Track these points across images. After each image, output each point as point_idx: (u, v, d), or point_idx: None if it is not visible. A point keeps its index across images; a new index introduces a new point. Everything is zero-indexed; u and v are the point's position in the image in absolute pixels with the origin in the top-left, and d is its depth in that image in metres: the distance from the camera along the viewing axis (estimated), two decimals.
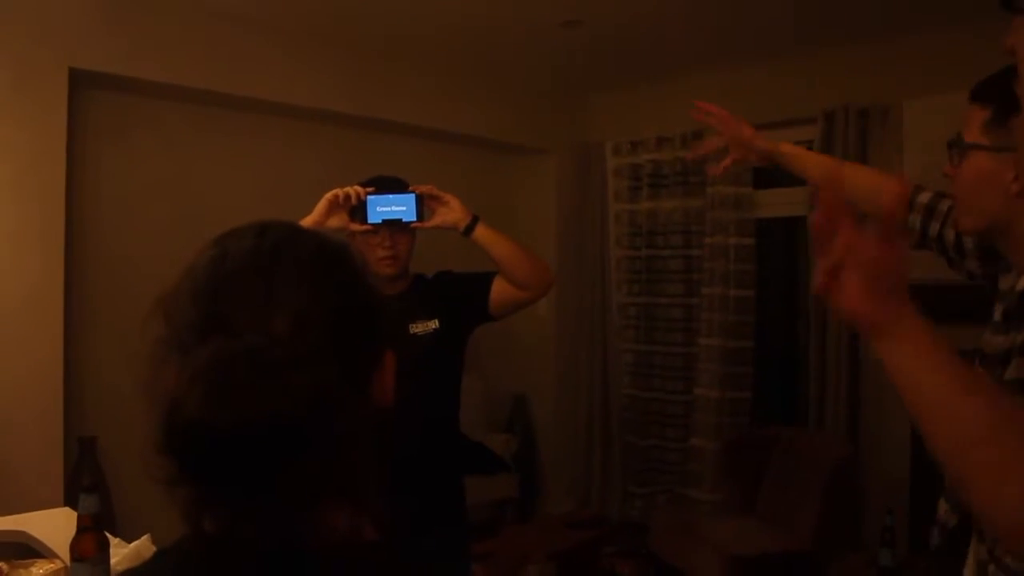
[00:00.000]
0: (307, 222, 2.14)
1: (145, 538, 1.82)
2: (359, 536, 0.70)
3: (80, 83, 3.58)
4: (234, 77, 3.93)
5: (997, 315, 1.40)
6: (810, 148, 4.37)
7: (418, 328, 2.26)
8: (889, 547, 3.22)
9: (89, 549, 1.59)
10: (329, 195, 2.19)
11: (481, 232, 2.26)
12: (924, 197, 1.68)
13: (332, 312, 0.71)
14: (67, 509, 2.28)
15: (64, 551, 1.73)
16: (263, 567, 0.66)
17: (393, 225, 2.22)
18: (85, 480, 1.68)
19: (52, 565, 1.70)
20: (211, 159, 4.18)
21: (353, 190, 2.19)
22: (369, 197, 2.20)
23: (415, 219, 2.23)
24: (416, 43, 4.37)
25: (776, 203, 4.80)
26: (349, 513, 0.69)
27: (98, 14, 3.50)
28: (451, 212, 2.27)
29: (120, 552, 1.76)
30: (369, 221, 2.20)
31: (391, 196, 2.22)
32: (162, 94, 3.91)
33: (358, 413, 0.68)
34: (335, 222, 2.18)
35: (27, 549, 1.97)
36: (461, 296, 2.33)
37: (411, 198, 2.23)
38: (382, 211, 2.21)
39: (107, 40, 3.54)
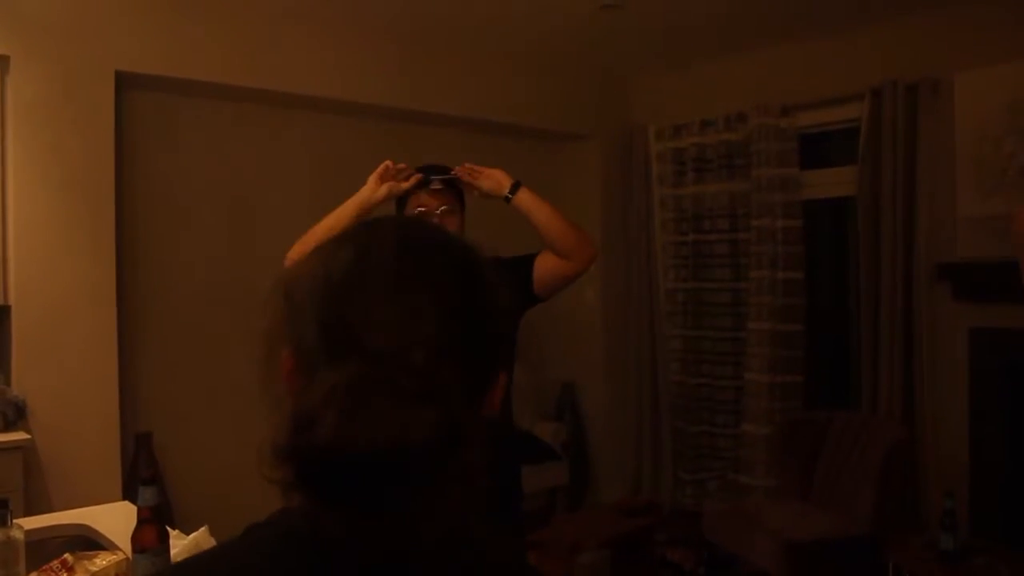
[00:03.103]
0: (362, 195, 2.21)
1: (203, 530, 1.84)
2: (465, 537, 0.73)
3: (126, 85, 3.63)
4: (277, 73, 3.96)
5: None
6: (857, 126, 4.31)
7: None
8: (950, 531, 3.16)
9: (150, 540, 1.61)
10: (380, 168, 2.23)
11: (523, 197, 2.26)
12: None
13: (467, 341, 0.72)
14: (126, 503, 2.31)
15: (124, 543, 1.76)
16: (370, 561, 0.68)
17: (442, 194, 2.23)
18: (145, 473, 1.70)
19: (115, 556, 1.73)
20: (256, 155, 4.22)
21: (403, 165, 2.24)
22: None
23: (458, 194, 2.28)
24: (456, 33, 4.36)
25: (823, 183, 4.71)
26: (459, 519, 0.72)
27: (141, 17, 3.55)
28: (491, 178, 2.28)
29: (179, 543, 1.78)
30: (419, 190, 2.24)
31: (434, 178, 2.26)
32: (206, 93, 3.95)
33: (478, 440, 0.70)
34: (384, 192, 2.22)
35: (88, 541, 2.00)
36: (507, 281, 2.31)
37: (452, 181, 2.27)
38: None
39: (151, 42, 3.59)
